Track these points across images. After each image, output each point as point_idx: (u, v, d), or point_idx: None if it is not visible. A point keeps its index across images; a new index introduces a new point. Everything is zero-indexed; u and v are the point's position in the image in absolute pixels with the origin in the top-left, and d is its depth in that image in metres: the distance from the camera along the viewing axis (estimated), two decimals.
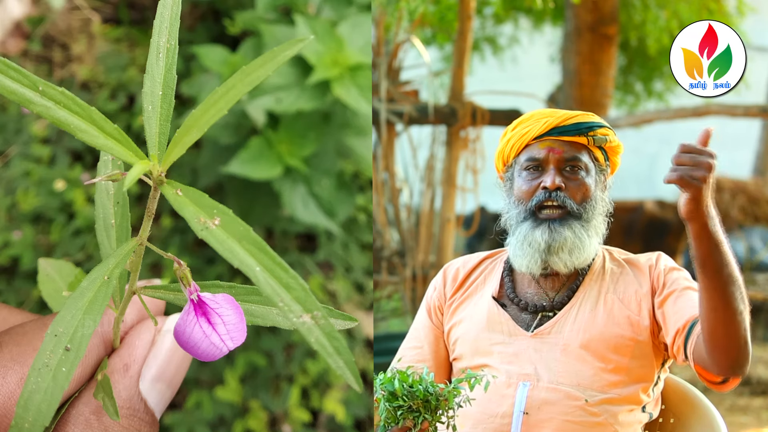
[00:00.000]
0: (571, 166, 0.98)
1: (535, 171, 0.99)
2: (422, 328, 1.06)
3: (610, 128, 1.00)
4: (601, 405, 0.91)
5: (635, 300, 0.95)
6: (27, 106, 0.49)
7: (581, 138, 0.98)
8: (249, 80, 0.51)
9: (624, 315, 0.94)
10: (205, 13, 2.31)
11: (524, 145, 1.00)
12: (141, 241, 0.52)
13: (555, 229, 0.96)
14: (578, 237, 0.96)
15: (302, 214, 1.73)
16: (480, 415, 0.94)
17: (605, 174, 1.01)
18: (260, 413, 1.90)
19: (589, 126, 0.98)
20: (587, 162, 0.98)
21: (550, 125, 0.98)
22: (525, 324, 0.98)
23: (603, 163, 1.00)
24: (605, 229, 1.01)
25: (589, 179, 0.98)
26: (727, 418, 0.98)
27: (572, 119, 0.98)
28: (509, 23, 2.81)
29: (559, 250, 0.96)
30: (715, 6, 2.29)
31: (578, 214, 0.97)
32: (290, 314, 0.46)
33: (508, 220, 1.01)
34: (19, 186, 2.14)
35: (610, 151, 1.01)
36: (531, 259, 0.97)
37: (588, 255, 0.97)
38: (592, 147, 0.99)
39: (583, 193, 0.98)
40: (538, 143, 0.99)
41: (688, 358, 0.91)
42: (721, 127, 3.07)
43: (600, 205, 0.99)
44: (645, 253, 1.02)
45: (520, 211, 0.99)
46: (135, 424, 0.55)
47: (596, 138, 0.98)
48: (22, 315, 0.60)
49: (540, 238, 0.96)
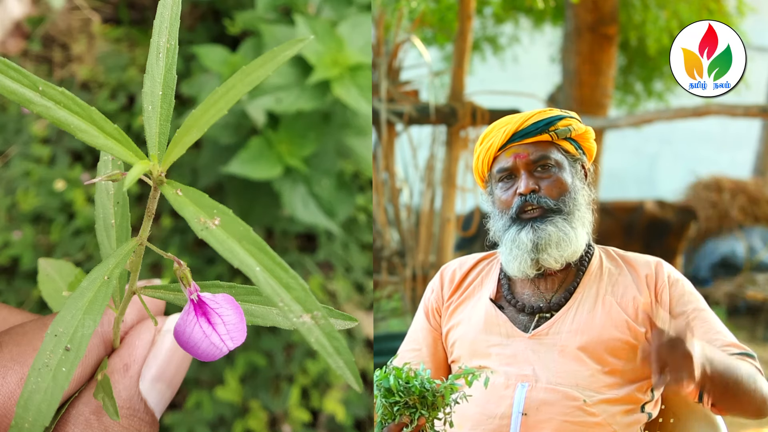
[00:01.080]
0: (542, 166, 0.98)
1: (509, 180, 1.00)
2: (420, 330, 1.06)
3: (573, 117, 1.00)
4: (599, 405, 0.92)
5: (633, 306, 0.95)
6: (27, 106, 0.49)
7: (544, 136, 0.99)
8: (249, 80, 0.51)
9: (622, 318, 0.95)
10: (205, 13, 2.31)
11: (492, 157, 1.01)
12: (141, 241, 0.52)
13: (538, 227, 0.97)
14: (562, 230, 0.97)
15: (302, 214, 1.73)
16: (479, 416, 0.94)
17: (581, 162, 1.01)
18: (260, 413, 1.90)
19: (548, 122, 0.99)
20: (557, 158, 0.99)
21: (509, 132, 0.99)
22: (522, 325, 0.98)
23: (575, 152, 1.00)
24: (592, 218, 1.01)
25: (564, 174, 0.99)
26: (727, 418, 0.98)
27: (529, 120, 0.99)
28: (509, 23, 2.82)
29: (547, 246, 0.96)
30: (715, 6, 2.29)
31: (558, 209, 0.97)
32: (290, 314, 0.46)
33: (495, 233, 1.02)
34: (19, 186, 2.14)
35: (580, 138, 1.01)
36: (521, 261, 0.97)
37: (577, 247, 0.98)
38: (558, 141, 0.99)
39: (559, 188, 0.98)
40: (503, 153, 1.00)
41: (704, 399, 0.94)
42: (721, 127, 3.06)
43: (581, 196, 1.00)
44: (643, 254, 1.02)
45: (504, 221, 1.00)
46: (135, 424, 0.55)
47: (559, 132, 0.99)
48: (22, 315, 0.60)
49: (525, 238, 0.97)
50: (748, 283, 2.92)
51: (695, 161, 3.48)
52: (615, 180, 3.14)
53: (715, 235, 3.23)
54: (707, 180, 3.39)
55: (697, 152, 3.52)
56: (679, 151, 3.54)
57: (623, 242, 2.51)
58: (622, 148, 3.23)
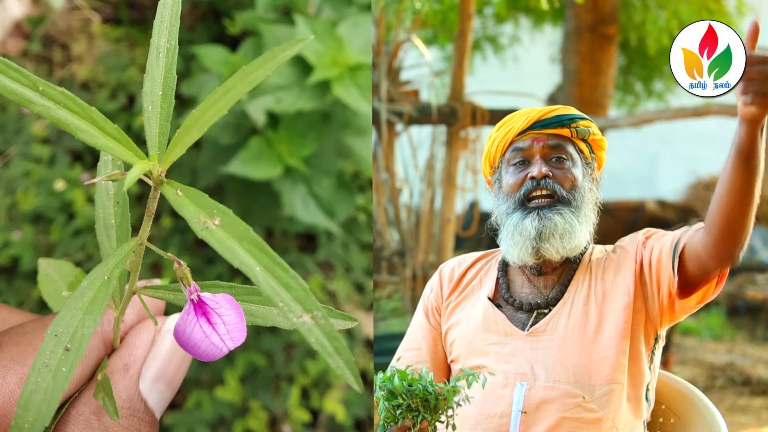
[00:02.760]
0: (557, 157, 0.98)
1: (522, 165, 0.99)
2: (420, 329, 1.06)
3: (591, 121, 1.01)
4: (598, 401, 0.92)
5: (624, 285, 0.95)
6: (27, 106, 0.49)
7: (564, 130, 0.99)
8: (249, 80, 0.51)
9: (615, 306, 0.95)
10: (205, 13, 2.31)
11: (509, 142, 1.00)
12: (141, 241, 0.52)
13: (545, 216, 0.96)
14: (568, 222, 0.96)
15: (302, 214, 1.73)
16: (478, 416, 0.94)
17: (592, 168, 1.02)
18: (260, 413, 1.90)
19: (570, 118, 0.99)
20: (572, 152, 0.99)
21: (532, 119, 0.99)
22: (520, 323, 0.98)
23: (588, 155, 1.01)
24: (595, 219, 1.01)
25: (576, 170, 0.99)
26: (727, 418, 0.98)
27: (553, 112, 0.99)
28: (510, 23, 2.82)
29: (550, 236, 0.96)
30: (715, 6, 2.29)
31: (568, 201, 0.97)
32: (290, 314, 0.46)
33: (498, 216, 1.01)
34: (19, 186, 2.14)
35: (594, 144, 1.02)
36: (522, 248, 0.97)
37: (579, 242, 0.97)
38: (575, 139, 1.00)
39: (571, 181, 0.98)
40: (521, 138, 1.00)
41: (674, 269, 0.92)
42: (721, 127, 3.07)
43: (588, 195, 1.00)
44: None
45: (509, 204, 0.99)
46: (135, 424, 0.55)
47: (579, 130, 0.99)
48: (22, 315, 0.60)
49: (530, 225, 0.96)
50: (748, 283, 2.92)
51: (695, 161, 3.48)
52: (615, 180, 3.13)
53: None
54: (707, 180, 3.38)
55: (697, 152, 3.52)
56: (679, 151, 3.54)
57: None
58: (622, 148, 3.23)
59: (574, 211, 0.97)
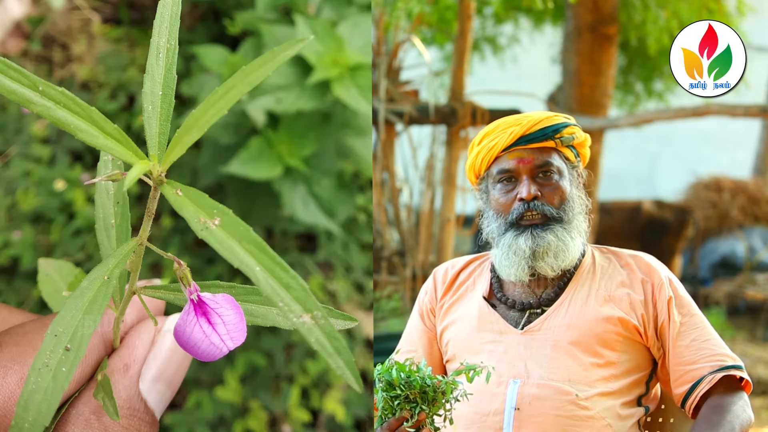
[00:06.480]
0: (544, 172, 0.98)
1: (509, 182, 0.99)
2: (415, 331, 1.07)
3: (574, 124, 1.01)
4: (592, 399, 0.92)
5: (627, 302, 0.96)
6: (27, 106, 0.49)
7: (549, 142, 0.99)
8: (249, 80, 0.51)
9: (614, 312, 0.95)
10: (205, 13, 2.31)
11: (494, 157, 1.00)
12: (141, 241, 0.52)
13: (538, 235, 0.97)
14: (561, 240, 0.97)
15: (302, 214, 1.73)
16: (473, 414, 0.95)
17: (577, 169, 1.02)
18: (260, 413, 1.90)
19: (554, 129, 0.99)
20: (559, 165, 0.99)
21: (516, 135, 0.98)
22: (514, 322, 0.99)
23: (573, 160, 1.01)
24: (587, 226, 1.01)
25: (564, 181, 0.99)
26: None
27: (538, 125, 0.99)
28: (509, 23, 2.81)
29: (545, 255, 0.97)
30: (715, 6, 2.29)
31: (559, 218, 0.98)
32: (290, 314, 0.46)
33: (490, 233, 1.02)
34: (19, 186, 2.14)
35: (579, 146, 1.02)
36: (518, 267, 0.98)
37: (573, 256, 0.98)
38: (560, 148, 1.00)
39: (560, 196, 0.98)
40: (506, 155, 0.99)
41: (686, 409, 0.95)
42: (721, 127, 3.07)
43: (578, 204, 1.00)
44: (636, 251, 1.02)
45: (500, 223, 1.00)
46: (135, 424, 0.55)
47: (563, 139, 0.99)
48: (22, 315, 0.60)
49: (524, 245, 0.97)
50: (748, 283, 2.92)
51: (695, 161, 3.48)
52: (615, 180, 3.13)
53: (715, 235, 3.23)
54: (707, 180, 3.39)
55: (697, 152, 3.52)
56: (678, 151, 3.54)
57: (622, 242, 2.51)
58: (622, 148, 3.23)
59: (566, 227, 0.98)
